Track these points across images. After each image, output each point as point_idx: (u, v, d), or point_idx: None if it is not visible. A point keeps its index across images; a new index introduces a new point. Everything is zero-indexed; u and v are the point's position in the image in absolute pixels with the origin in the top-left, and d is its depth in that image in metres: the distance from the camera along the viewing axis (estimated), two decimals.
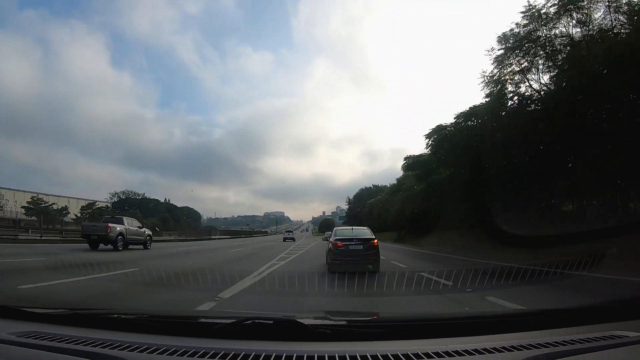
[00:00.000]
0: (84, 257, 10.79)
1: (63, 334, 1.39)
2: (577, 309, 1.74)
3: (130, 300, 5.25)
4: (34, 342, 1.33)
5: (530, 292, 5.68)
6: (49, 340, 1.34)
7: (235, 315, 1.58)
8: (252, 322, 1.41)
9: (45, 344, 1.30)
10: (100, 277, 6.94)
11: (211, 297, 4.90)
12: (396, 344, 1.31)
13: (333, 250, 8.81)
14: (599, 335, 1.33)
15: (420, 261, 14.04)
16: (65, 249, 15.07)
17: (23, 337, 1.37)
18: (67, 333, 1.40)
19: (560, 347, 1.24)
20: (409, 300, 5.32)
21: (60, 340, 1.33)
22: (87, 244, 15.67)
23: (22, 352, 1.26)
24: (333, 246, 8.87)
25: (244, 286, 6.18)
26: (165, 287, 5.91)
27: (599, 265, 7.64)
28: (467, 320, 1.70)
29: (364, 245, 8.81)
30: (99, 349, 1.26)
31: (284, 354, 1.18)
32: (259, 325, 1.41)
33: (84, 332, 1.42)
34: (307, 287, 6.16)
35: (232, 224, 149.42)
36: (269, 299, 5.73)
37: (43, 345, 1.29)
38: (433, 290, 5.95)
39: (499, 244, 15.01)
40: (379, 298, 5.58)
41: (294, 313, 1.78)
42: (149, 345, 1.27)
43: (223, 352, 1.20)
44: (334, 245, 8.82)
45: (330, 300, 5.59)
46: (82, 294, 5.49)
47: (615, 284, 6.75)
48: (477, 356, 1.19)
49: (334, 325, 1.55)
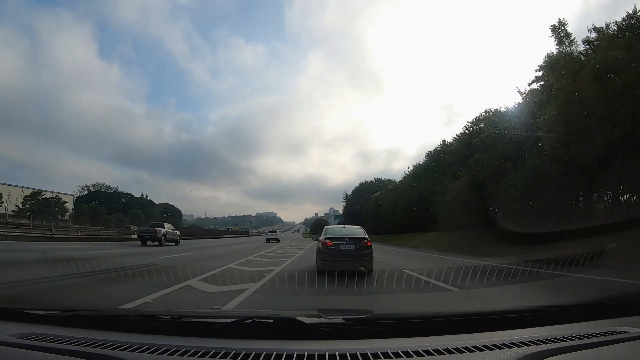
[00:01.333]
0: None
1: (63, 335, 1.39)
2: (577, 305, 1.74)
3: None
4: (34, 343, 1.32)
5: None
6: (49, 341, 1.33)
7: (235, 315, 1.58)
8: (252, 321, 1.41)
9: (45, 345, 1.30)
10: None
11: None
12: (396, 342, 1.31)
13: (322, 250, 8.46)
14: (599, 331, 1.33)
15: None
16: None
17: (23, 338, 1.37)
18: (67, 334, 1.40)
19: (560, 343, 1.24)
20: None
21: (60, 342, 1.33)
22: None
23: (22, 354, 1.26)
24: (322, 245, 8.52)
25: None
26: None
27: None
28: (466, 317, 1.70)
29: (356, 245, 8.42)
30: (99, 349, 1.25)
31: (284, 352, 1.18)
32: (259, 324, 1.41)
33: (84, 333, 1.42)
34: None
35: (222, 224, 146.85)
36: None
37: (43, 346, 1.29)
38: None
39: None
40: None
41: (293, 312, 1.78)
42: (149, 345, 1.27)
43: (224, 351, 1.20)
44: (324, 245, 8.46)
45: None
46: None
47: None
48: (477, 353, 1.19)
49: (334, 323, 1.55)
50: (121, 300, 4.54)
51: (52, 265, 8.11)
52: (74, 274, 6.91)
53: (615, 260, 8.86)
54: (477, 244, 17.83)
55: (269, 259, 13.11)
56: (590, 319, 1.52)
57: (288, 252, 17.53)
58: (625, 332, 1.33)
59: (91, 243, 21.66)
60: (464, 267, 7.33)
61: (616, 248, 9.28)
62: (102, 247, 17.03)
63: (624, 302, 1.80)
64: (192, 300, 5.12)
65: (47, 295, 5.10)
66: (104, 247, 17.89)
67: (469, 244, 18.75)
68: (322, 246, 8.53)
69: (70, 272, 7.10)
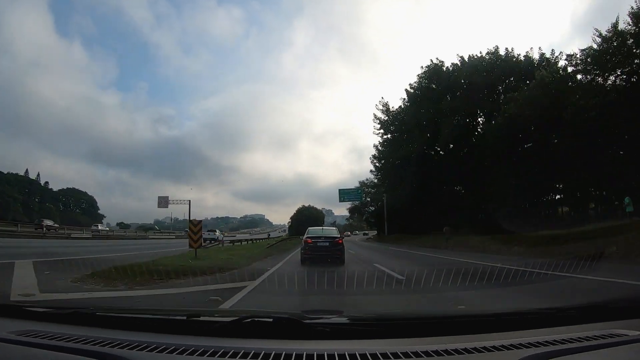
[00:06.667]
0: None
1: (63, 332, 1.39)
2: (576, 307, 1.74)
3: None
4: (35, 340, 1.33)
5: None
6: (49, 339, 1.34)
7: (236, 314, 1.58)
8: (252, 320, 1.42)
9: (45, 342, 1.30)
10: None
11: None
12: (396, 342, 1.31)
13: (304, 246, 10.96)
14: (598, 334, 1.33)
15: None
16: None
17: (23, 335, 1.37)
18: (67, 332, 1.40)
19: (559, 345, 1.24)
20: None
21: (60, 339, 1.33)
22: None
23: (22, 351, 1.26)
24: (304, 243, 11.01)
25: None
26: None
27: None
28: (466, 318, 1.70)
29: (330, 242, 10.90)
30: (99, 347, 1.26)
31: (283, 352, 1.18)
32: (259, 323, 1.41)
33: (85, 331, 1.42)
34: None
35: (203, 226, 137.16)
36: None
37: (43, 344, 1.29)
38: None
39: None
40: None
41: (293, 311, 1.78)
42: (150, 343, 1.27)
43: (223, 350, 1.21)
44: (305, 242, 10.98)
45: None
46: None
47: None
48: (477, 354, 1.19)
49: (333, 323, 1.55)
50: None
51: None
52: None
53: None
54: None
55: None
56: (589, 321, 1.52)
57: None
58: (624, 335, 1.33)
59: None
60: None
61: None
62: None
63: (623, 303, 1.80)
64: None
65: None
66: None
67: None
68: (304, 243, 11.09)
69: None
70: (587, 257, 7.69)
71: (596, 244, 10.61)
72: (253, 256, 13.53)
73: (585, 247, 10.30)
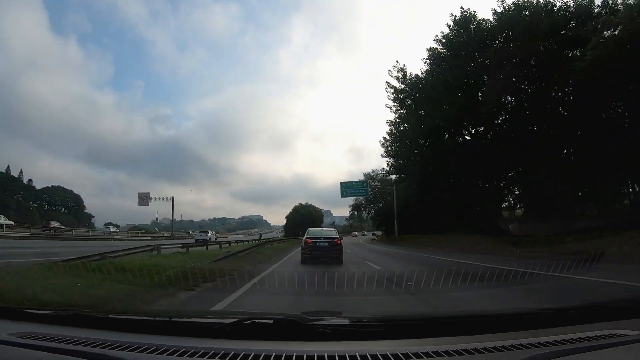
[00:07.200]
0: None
1: (63, 334, 1.39)
2: (577, 307, 1.74)
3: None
4: (34, 342, 1.32)
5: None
6: (48, 340, 1.33)
7: (235, 315, 1.58)
8: (251, 322, 1.42)
9: (45, 344, 1.30)
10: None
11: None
12: (396, 343, 1.31)
13: (304, 246, 11.24)
14: (598, 334, 1.33)
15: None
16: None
17: (23, 337, 1.37)
18: (67, 334, 1.40)
19: (560, 346, 1.25)
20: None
21: (60, 341, 1.33)
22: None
23: (21, 352, 1.26)
24: (304, 243, 11.28)
25: None
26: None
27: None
28: (467, 319, 1.70)
29: (329, 243, 11.16)
30: (98, 349, 1.25)
31: (283, 353, 1.18)
32: (259, 325, 1.41)
33: (84, 333, 1.42)
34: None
35: (199, 227, 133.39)
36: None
37: (43, 345, 1.29)
38: None
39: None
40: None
41: (293, 313, 1.78)
42: (149, 345, 1.27)
43: (223, 352, 1.20)
44: (305, 242, 11.27)
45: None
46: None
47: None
48: (477, 355, 1.19)
49: (333, 324, 1.55)
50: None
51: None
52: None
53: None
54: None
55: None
56: (590, 321, 1.52)
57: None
58: (624, 335, 1.33)
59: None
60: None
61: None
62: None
63: (623, 304, 1.81)
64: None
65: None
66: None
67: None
68: (304, 243, 11.35)
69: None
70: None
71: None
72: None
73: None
